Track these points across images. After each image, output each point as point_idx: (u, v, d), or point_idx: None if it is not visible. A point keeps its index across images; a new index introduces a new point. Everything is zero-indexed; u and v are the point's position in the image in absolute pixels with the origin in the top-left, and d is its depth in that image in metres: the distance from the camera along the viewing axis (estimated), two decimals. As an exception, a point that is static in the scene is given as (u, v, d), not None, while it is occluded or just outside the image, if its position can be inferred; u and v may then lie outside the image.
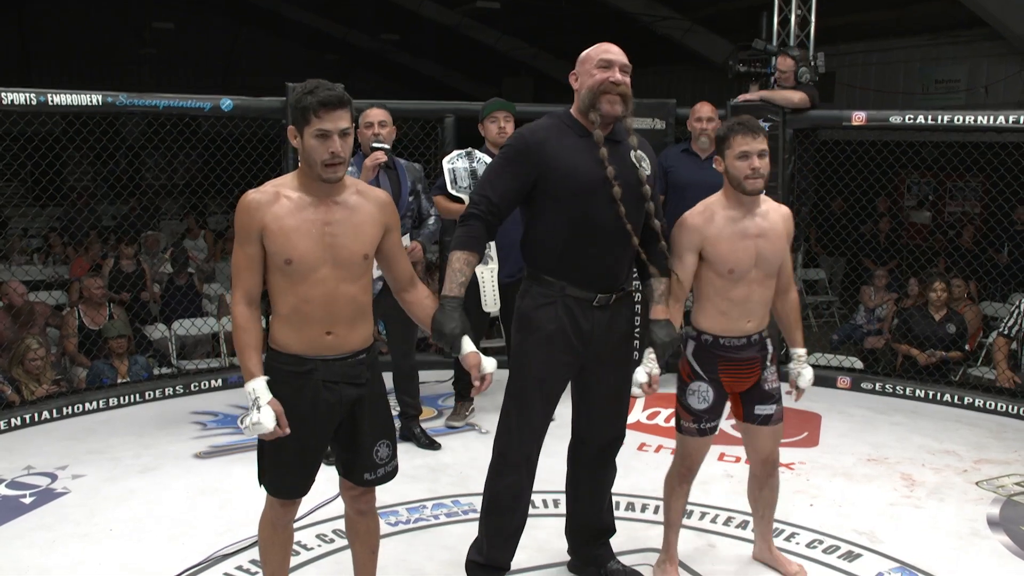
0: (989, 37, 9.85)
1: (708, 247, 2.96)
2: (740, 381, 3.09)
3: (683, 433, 3.14)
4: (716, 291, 3.00)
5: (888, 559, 3.42)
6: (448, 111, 5.73)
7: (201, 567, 3.28)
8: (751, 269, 2.98)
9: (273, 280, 2.53)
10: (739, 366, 3.05)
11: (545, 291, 2.88)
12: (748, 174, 2.90)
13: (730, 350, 3.03)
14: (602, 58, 2.84)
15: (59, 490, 3.98)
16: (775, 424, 3.14)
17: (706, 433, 3.10)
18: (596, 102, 2.81)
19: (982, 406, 5.31)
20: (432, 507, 3.82)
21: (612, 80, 2.80)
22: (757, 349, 3.07)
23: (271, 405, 2.46)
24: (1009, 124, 5.13)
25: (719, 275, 2.98)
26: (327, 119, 2.41)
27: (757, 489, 3.27)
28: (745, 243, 2.96)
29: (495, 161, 2.93)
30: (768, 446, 3.16)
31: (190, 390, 5.43)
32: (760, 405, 3.11)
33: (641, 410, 5.17)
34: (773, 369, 3.14)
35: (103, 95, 4.90)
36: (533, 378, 2.91)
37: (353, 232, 2.52)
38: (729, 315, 3.01)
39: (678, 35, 12.70)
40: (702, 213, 3.00)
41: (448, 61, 17.56)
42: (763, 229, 2.98)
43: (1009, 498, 4.02)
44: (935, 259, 7.31)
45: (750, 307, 3.01)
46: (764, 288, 3.03)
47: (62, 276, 7.98)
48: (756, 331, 3.05)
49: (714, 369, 3.05)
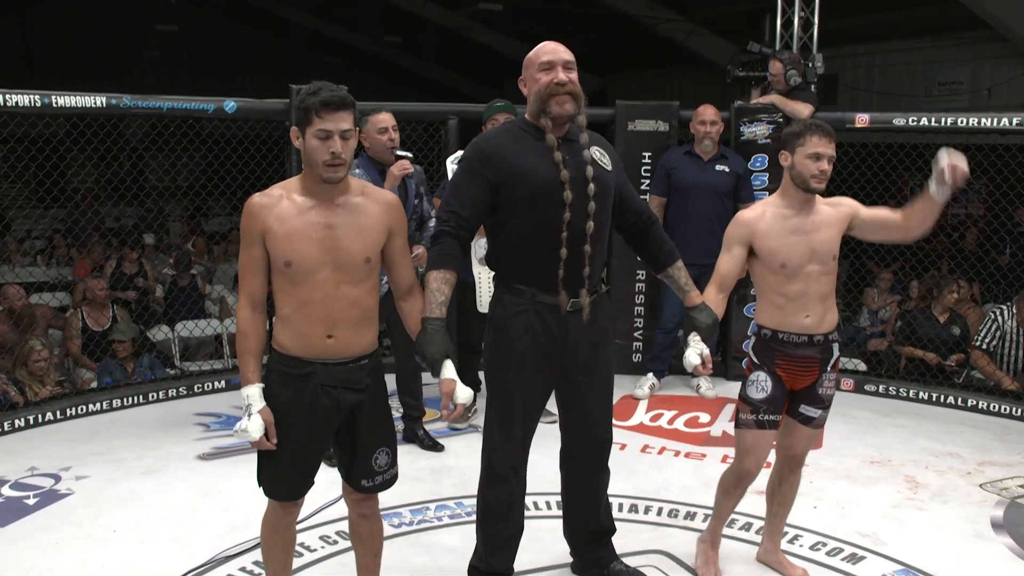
0: (992, 39, 9.83)
1: (758, 242, 3.01)
2: (798, 379, 3.08)
3: (740, 427, 3.12)
4: (771, 287, 3.05)
5: (892, 561, 3.42)
6: (451, 113, 5.74)
7: (204, 568, 3.28)
8: (805, 264, 3.00)
9: (276, 282, 2.54)
10: (796, 363, 3.05)
11: (516, 299, 2.86)
12: (816, 174, 2.95)
13: (787, 345, 3.04)
14: (542, 60, 2.82)
15: (63, 491, 3.98)
16: (814, 428, 3.15)
17: (764, 426, 3.07)
18: (545, 106, 2.80)
19: (986, 408, 5.30)
20: (435, 509, 3.81)
21: (557, 81, 2.78)
22: (819, 350, 3.06)
23: (262, 414, 2.49)
24: (1013, 126, 5.14)
25: (771, 271, 3.02)
26: (329, 120, 2.43)
27: (777, 483, 3.27)
28: (797, 238, 3.00)
29: (455, 176, 2.90)
30: (801, 444, 3.17)
31: (193, 391, 5.44)
32: (807, 406, 3.11)
33: (644, 412, 5.18)
34: (833, 375, 3.13)
35: (107, 97, 4.91)
36: (510, 390, 2.90)
37: (355, 234, 2.52)
38: (785, 309, 3.03)
39: (680, 37, 12.69)
40: (755, 210, 3.07)
41: (450, 63, 17.57)
42: (816, 224, 3.02)
43: (1013, 500, 4.02)
44: (938, 261, 7.29)
45: (806, 301, 3.02)
46: (821, 284, 3.03)
47: (65, 278, 7.99)
48: (817, 330, 3.04)
49: (771, 363, 3.06)
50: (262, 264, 2.51)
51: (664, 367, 5.59)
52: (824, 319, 3.05)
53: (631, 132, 5.74)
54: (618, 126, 5.75)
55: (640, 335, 5.86)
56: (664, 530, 3.65)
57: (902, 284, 7.39)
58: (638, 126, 5.74)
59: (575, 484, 3.14)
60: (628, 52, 14.14)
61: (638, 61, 14.49)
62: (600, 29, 12.88)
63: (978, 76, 10.45)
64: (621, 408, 5.05)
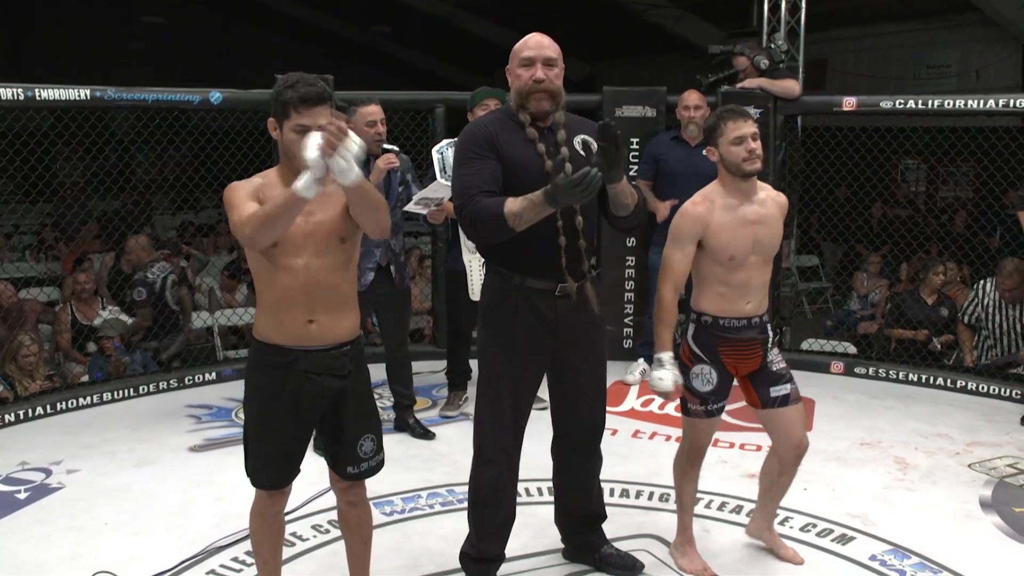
0: (980, 22, 9.84)
1: (710, 236, 3.00)
2: (743, 362, 3.10)
3: (690, 416, 3.15)
4: (715, 277, 3.04)
5: (882, 542, 3.44)
6: (438, 101, 5.73)
7: (197, 559, 3.29)
8: (750, 255, 3.02)
9: (257, 272, 2.56)
10: (739, 347, 3.07)
11: (505, 285, 2.87)
12: (746, 156, 2.95)
13: (729, 331, 3.05)
14: (523, 56, 2.82)
15: (54, 485, 3.98)
16: (795, 403, 3.14)
17: (713, 414, 3.12)
18: (524, 102, 2.81)
19: (975, 389, 5.33)
20: (427, 496, 3.82)
21: (535, 79, 2.79)
22: (758, 331, 3.09)
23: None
24: (999, 108, 5.14)
25: (719, 262, 3.02)
26: (306, 115, 2.43)
27: (778, 473, 3.25)
28: (744, 230, 3.01)
29: (459, 165, 2.83)
30: (798, 430, 3.14)
31: (184, 384, 5.43)
32: (774, 387, 3.12)
33: (635, 397, 5.19)
34: (776, 351, 3.16)
35: (91, 89, 4.88)
36: (501, 375, 2.90)
37: (331, 215, 2.53)
38: (727, 297, 3.05)
39: (669, 23, 12.67)
40: (702, 203, 3.03)
41: (440, 52, 17.51)
42: (761, 215, 3.04)
43: (1001, 480, 4.04)
44: (926, 244, 7.32)
45: (749, 290, 3.05)
46: (762, 272, 3.07)
47: (54, 272, 7.95)
48: (755, 313, 3.07)
49: (714, 350, 3.07)
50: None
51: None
52: (761, 304, 3.10)
53: (619, 118, 5.73)
54: (605, 112, 5.74)
55: (631, 321, 5.87)
56: (655, 514, 3.66)
57: (891, 267, 7.42)
58: (625, 112, 5.74)
59: (567, 469, 3.15)
60: (617, 39, 14.12)
61: (628, 48, 14.47)
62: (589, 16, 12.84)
63: (967, 59, 10.46)
64: (612, 394, 5.04)
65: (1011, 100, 5.12)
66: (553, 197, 2.57)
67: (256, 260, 2.54)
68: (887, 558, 3.31)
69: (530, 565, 3.24)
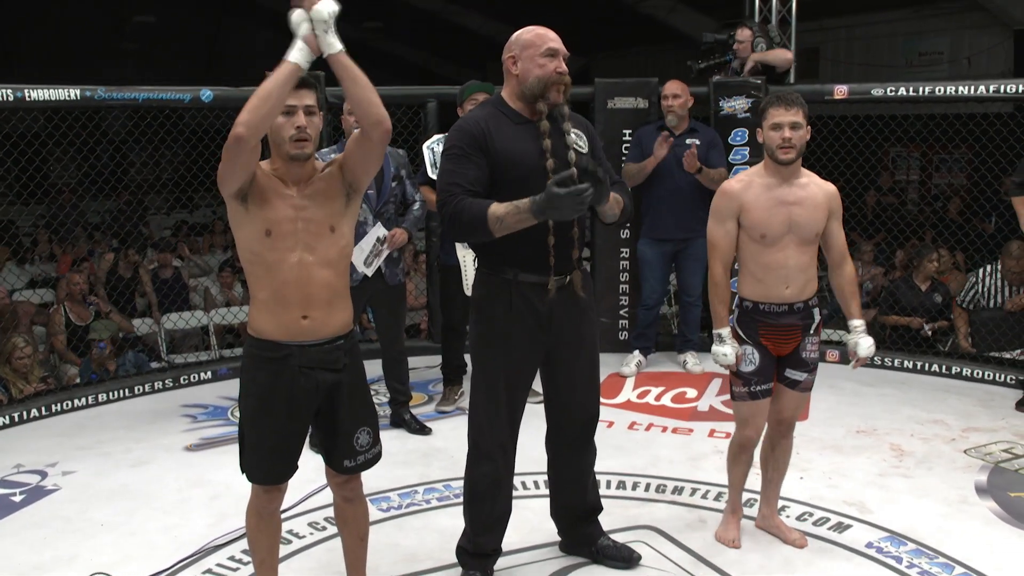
0: (971, 9, 9.84)
1: (744, 213, 3.08)
2: (781, 346, 3.16)
3: (736, 400, 3.22)
4: (751, 256, 3.11)
5: (878, 529, 3.45)
6: (430, 96, 5.72)
7: (194, 558, 3.28)
8: (785, 235, 3.07)
9: (250, 268, 2.56)
10: (779, 331, 3.13)
11: (497, 279, 2.87)
12: (780, 143, 3.02)
13: (769, 316, 3.11)
14: (549, 47, 2.81)
15: (49, 487, 3.97)
16: (802, 391, 3.23)
17: (758, 396, 3.17)
18: (546, 92, 2.80)
19: (970, 375, 5.34)
20: (424, 492, 3.82)
21: (560, 71, 2.80)
22: (800, 317, 3.13)
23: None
24: (990, 94, 5.14)
25: (752, 240, 3.09)
26: (292, 96, 2.45)
27: (770, 448, 3.33)
28: (779, 209, 3.06)
29: (447, 159, 2.83)
30: (790, 408, 3.24)
31: (179, 383, 5.42)
32: (793, 370, 3.19)
33: (631, 389, 5.19)
34: (816, 339, 3.20)
35: (81, 89, 4.86)
36: (495, 369, 2.91)
37: (321, 203, 2.54)
38: (765, 281, 3.10)
39: (662, 14, 12.65)
40: (741, 181, 3.13)
41: (432, 47, 17.49)
42: (799, 198, 3.09)
43: (996, 465, 4.05)
44: (920, 231, 7.32)
45: (786, 273, 3.09)
46: (800, 255, 3.11)
47: (48, 274, 7.93)
48: (797, 299, 3.12)
49: (755, 334, 3.13)
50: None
51: (650, 344, 5.61)
52: (804, 289, 3.13)
53: (610, 110, 5.73)
54: (597, 104, 5.74)
55: (626, 313, 5.87)
56: (653, 505, 3.67)
57: (884, 255, 7.42)
58: (617, 104, 5.73)
59: (562, 462, 3.15)
60: (611, 31, 14.09)
61: (621, 40, 14.45)
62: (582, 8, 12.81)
63: (958, 46, 10.46)
64: (608, 386, 5.07)
65: (1002, 86, 5.12)
66: (540, 210, 2.59)
67: (249, 256, 2.54)
68: (884, 545, 3.32)
69: (527, 559, 3.24)
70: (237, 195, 2.48)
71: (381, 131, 2.48)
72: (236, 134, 2.34)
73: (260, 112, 2.36)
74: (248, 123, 2.34)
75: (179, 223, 10.64)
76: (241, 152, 2.37)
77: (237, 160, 2.39)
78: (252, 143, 2.38)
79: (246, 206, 2.49)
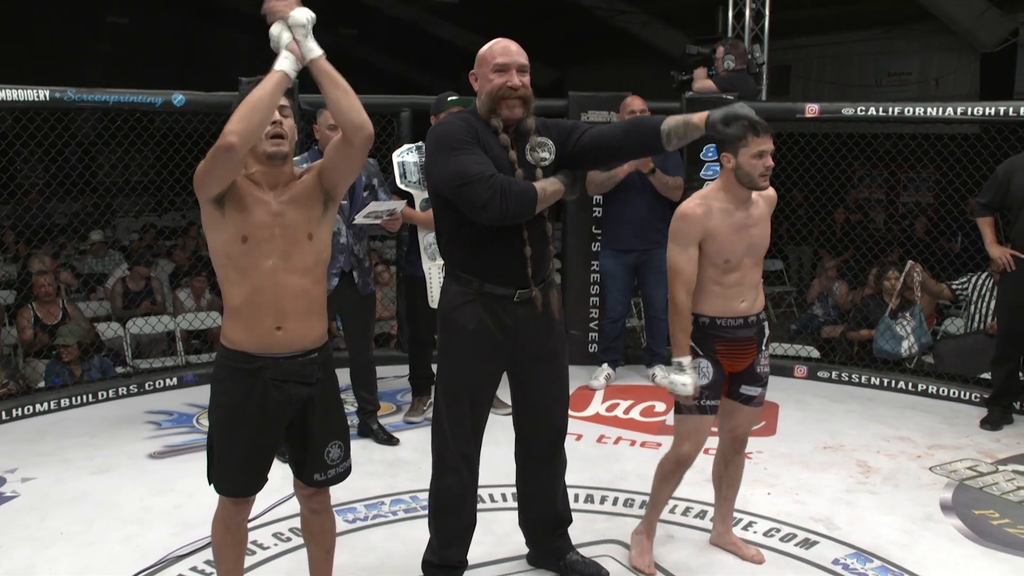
0: (939, 31, 10.01)
1: (708, 240, 3.04)
2: (737, 361, 3.15)
3: (681, 412, 3.16)
4: (709, 278, 3.09)
5: (844, 545, 3.46)
6: (404, 105, 5.70)
7: (155, 568, 3.23)
8: (744, 257, 3.08)
9: (224, 273, 2.51)
10: (735, 346, 3.12)
11: (464, 289, 2.85)
12: (763, 172, 2.99)
13: (726, 330, 3.10)
14: (498, 62, 2.79)
15: (8, 494, 3.89)
16: (755, 407, 3.24)
17: (706, 411, 3.13)
18: (496, 107, 2.79)
19: (936, 393, 5.39)
20: (390, 503, 3.79)
21: (510, 85, 2.77)
22: (755, 331, 3.14)
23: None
24: (957, 115, 5.21)
25: (714, 265, 3.07)
26: None
27: (723, 466, 3.33)
28: (741, 235, 3.06)
29: (453, 150, 2.76)
30: (744, 424, 3.25)
31: (144, 389, 5.34)
32: (748, 386, 3.19)
33: (600, 402, 5.19)
34: (767, 353, 3.22)
35: (51, 90, 4.79)
36: (459, 380, 2.89)
37: (299, 207, 2.51)
38: (722, 296, 3.09)
39: (636, 28, 12.74)
40: (700, 206, 3.05)
41: (406, 55, 17.48)
42: (755, 219, 3.10)
43: (961, 482, 4.09)
44: (888, 249, 7.40)
45: (742, 289, 3.11)
46: (755, 272, 3.14)
47: (11, 275, 7.81)
48: (750, 312, 3.13)
49: (712, 350, 3.11)
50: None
51: (618, 356, 5.62)
52: (756, 302, 3.16)
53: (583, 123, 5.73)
54: (571, 116, 5.74)
55: (595, 326, 5.87)
56: (620, 519, 3.66)
57: (853, 271, 7.49)
58: (591, 117, 5.75)
59: (530, 474, 3.14)
60: (585, 43, 14.17)
61: (596, 52, 14.53)
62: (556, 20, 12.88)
63: (927, 67, 10.64)
64: (577, 399, 5.06)
65: (968, 108, 5.20)
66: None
67: (223, 261, 2.49)
68: (850, 562, 3.34)
69: (494, 572, 3.22)
70: (214, 199, 2.44)
71: (363, 136, 2.45)
72: (228, 143, 2.29)
73: (252, 121, 2.33)
74: (240, 132, 2.30)
75: (147, 226, 10.53)
76: (229, 160, 2.33)
77: (223, 167, 2.35)
78: (243, 153, 2.35)
79: (223, 210, 2.45)
